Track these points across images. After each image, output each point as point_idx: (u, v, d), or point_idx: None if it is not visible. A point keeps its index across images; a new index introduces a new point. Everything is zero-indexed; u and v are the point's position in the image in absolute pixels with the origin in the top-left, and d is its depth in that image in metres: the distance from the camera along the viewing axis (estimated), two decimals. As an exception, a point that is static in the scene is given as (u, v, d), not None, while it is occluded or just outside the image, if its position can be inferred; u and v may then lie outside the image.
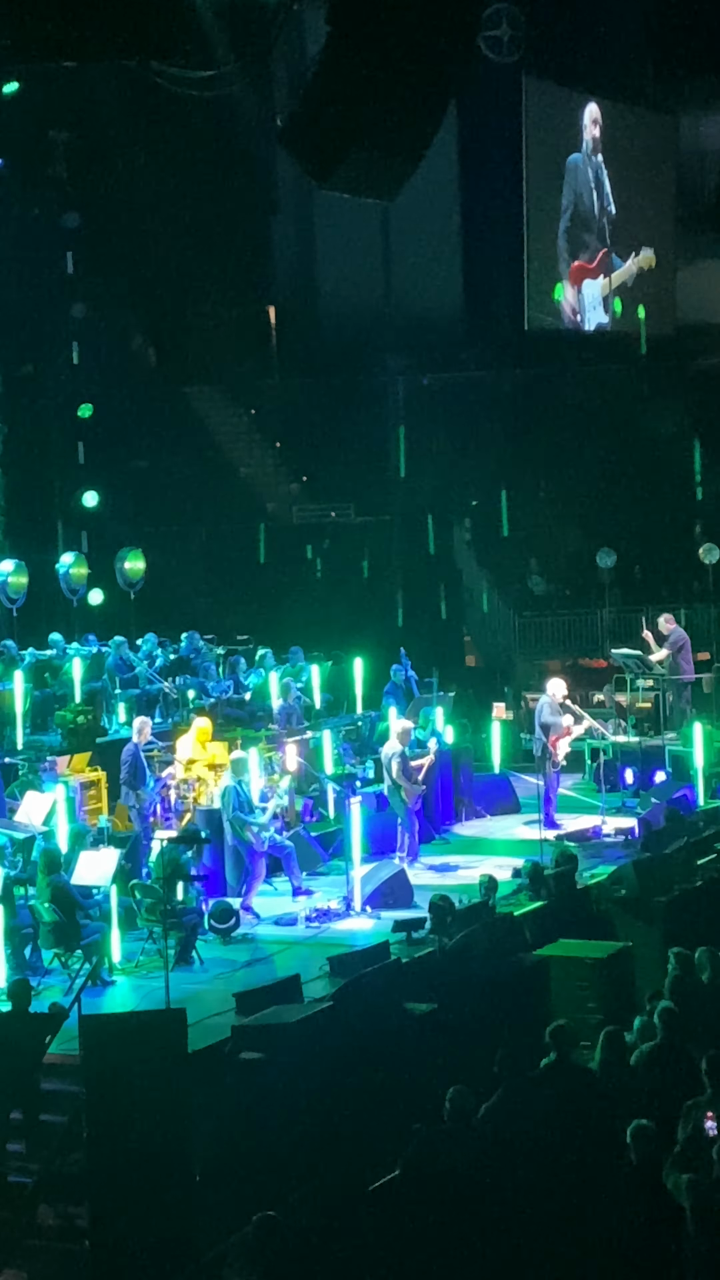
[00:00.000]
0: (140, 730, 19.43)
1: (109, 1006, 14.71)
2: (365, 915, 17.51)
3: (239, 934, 17.11)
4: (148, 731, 19.66)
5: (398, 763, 19.50)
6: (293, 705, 22.74)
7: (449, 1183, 10.19)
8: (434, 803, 21.43)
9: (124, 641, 24.55)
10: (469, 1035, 13.62)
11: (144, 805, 18.82)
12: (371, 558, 31.72)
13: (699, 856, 18.79)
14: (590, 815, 21.35)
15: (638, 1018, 12.61)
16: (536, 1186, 10.14)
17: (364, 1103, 12.78)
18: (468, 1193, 10.10)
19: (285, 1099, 12.64)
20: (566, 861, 17.83)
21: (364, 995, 14.00)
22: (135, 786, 18.90)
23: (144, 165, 29.91)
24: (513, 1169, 10.36)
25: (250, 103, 28.89)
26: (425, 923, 16.02)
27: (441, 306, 35.60)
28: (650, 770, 22.67)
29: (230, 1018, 13.83)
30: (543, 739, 21.14)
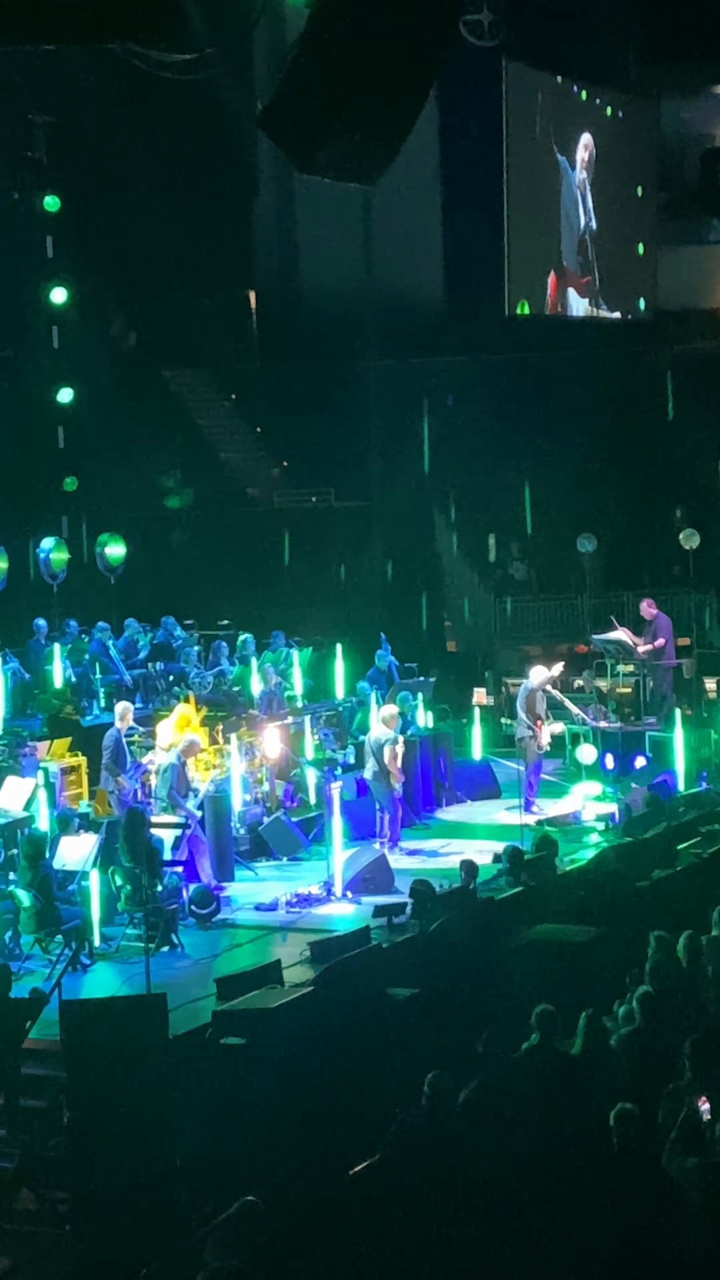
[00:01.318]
0: (123, 716, 19.42)
1: (89, 992, 14.72)
2: (346, 900, 17.54)
3: (219, 919, 17.12)
4: (130, 717, 19.65)
5: (390, 748, 19.50)
6: (274, 691, 22.74)
7: (430, 1167, 10.19)
8: (415, 788, 21.46)
9: (107, 628, 24.54)
10: (450, 1020, 13.63)
11: (122, 791, 18.81)
12: (353, 543, 31.68)
13: (679, 841, 18.83)
14: (571, 800, 21.39)
15: (617, 1003, 12.62)
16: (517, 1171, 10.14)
17: (345, 1087, 12.79)
18: (449, 1177, 10.11)
19: (266, 1084, 12.65)
20: (546, 846, 17.85)
21: (345, 980, 14.01)
22: (115, 772, 18.90)
23: (124, 149, 29.82)
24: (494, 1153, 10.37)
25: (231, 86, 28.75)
26: (406, 908, 16.03)
27: (423, 291, 35.58)
28: (631, 755, 22.71)
29: (211, 1003, 13.85)
30: (527, 722, 21.19)
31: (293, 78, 9.42)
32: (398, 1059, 12.93)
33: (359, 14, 9.10)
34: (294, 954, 15.44)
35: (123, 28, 9.27)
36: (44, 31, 9.11)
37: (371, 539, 32.18)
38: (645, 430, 34.02)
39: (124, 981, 14.92)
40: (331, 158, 9.59)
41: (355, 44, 9.14)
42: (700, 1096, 10.35)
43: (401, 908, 16.14)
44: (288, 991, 13.92)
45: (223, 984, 14.09)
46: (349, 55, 9.16)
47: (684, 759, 21.98)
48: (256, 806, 20.32)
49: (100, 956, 15.91)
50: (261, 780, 20.83)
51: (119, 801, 18.77)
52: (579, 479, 33.19)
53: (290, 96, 9.43)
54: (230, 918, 17.31)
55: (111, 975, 15.41)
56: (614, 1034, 11.94)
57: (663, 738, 22.53)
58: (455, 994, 14.21)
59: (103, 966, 15.71)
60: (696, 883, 17.23)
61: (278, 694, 22.78)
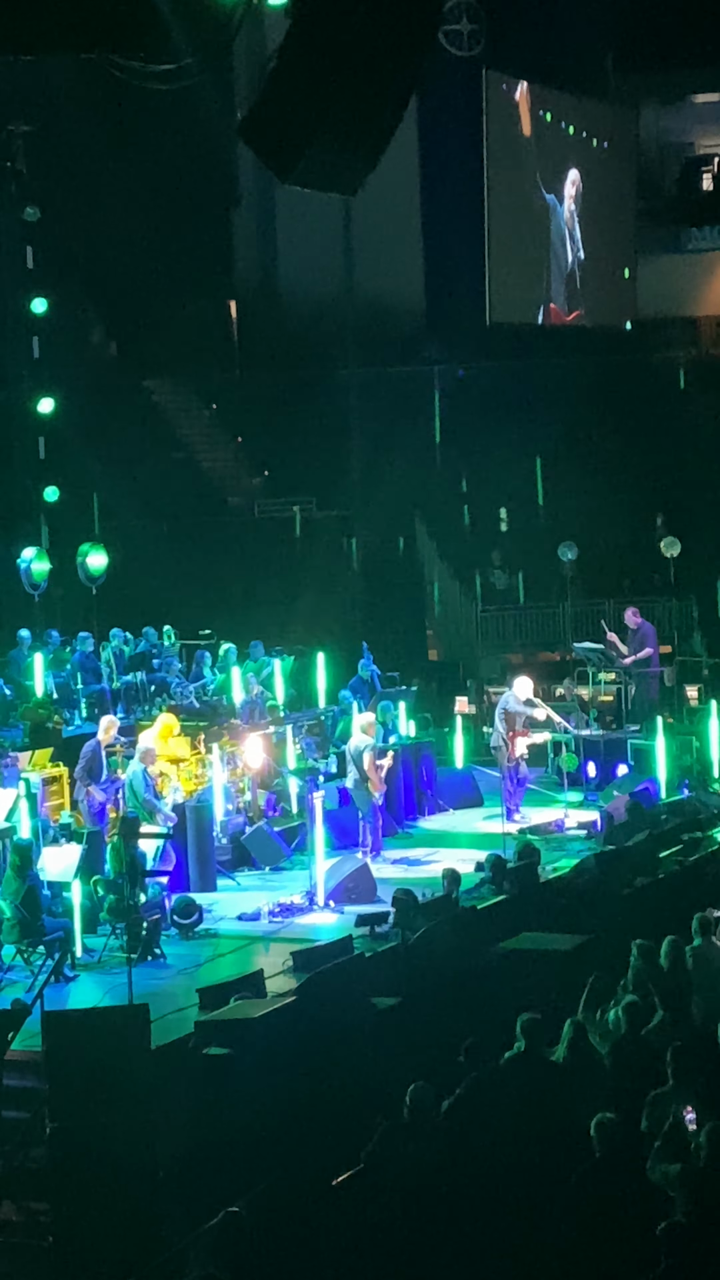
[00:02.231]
0: (106, 729, 19.32)
1: (72, 1002, 14.68)
2: (328, 910, 17.52)
3: (202, 929, 17.09)
4: (114, 731, 19.54)
5: (370, 755, 19.51)
6: (256, 700, 22.72)
7: (413, 1177, 10.19)
8: (397, 797, 21.45)
9: (89, 637, 24.50)
10: (433, 1029, 13.62)
11: (92, 802, 18.69)
12: (333, 552, 31.69)
13: (661, 849, 18.84)
14: (553, 809, 21.40)
15: (599, 1010, 12.63)
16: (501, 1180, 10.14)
17: (328, 1097, 12.78)
18: (432, 1186, 10.10)
19: (249, 1094, 12.63)
20: (529, 855, 17.85)
21: (327, 990, 13.99)
22: (87, 782, 18.81)
23: (104, 159, 29.83)
24: (477, 1162, 10.37)
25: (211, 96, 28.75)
26: (388, 917, 16.02)
27: (403, 300, 35.64)
28: (613, 763, 22.73)
29: (194, 1013, 13.82)
30: (502, 732, 21.23)
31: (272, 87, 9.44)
32: (381, 1068, 12.91)
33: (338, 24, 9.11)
34: (276, 964, 15.42)
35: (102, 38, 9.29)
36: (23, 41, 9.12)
37: (353, 547, 32.18)
38: (625, 438, 34.10)
39: (106, 992, 14.88)
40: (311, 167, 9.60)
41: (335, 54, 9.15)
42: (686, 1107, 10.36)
43: (384, 917, 16.13)
44: (270, 1001, 13.90)
45: (205, 994, 14.07)
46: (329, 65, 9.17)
47: (665, 767, 22.00)
48: (239, 816, 20.30)
49: (83, 967, 15.87)
50: (244, 790, 20.81)
51: (89, 813, 18.69)
52: (559, 487, 33.26)
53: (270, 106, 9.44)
54: (213, 927, 17.28)
55: (94, 986, 15.37)
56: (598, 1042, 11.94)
57: (644, 745, 22.55)
58: (438, 1003, 14.20)
59: (85, 977, 15.66)
60: (679, 890, 17.25)
61: (259, 703, 22.77)
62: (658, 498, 32.73)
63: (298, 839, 19.70)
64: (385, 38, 9.24)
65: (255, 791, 20.85)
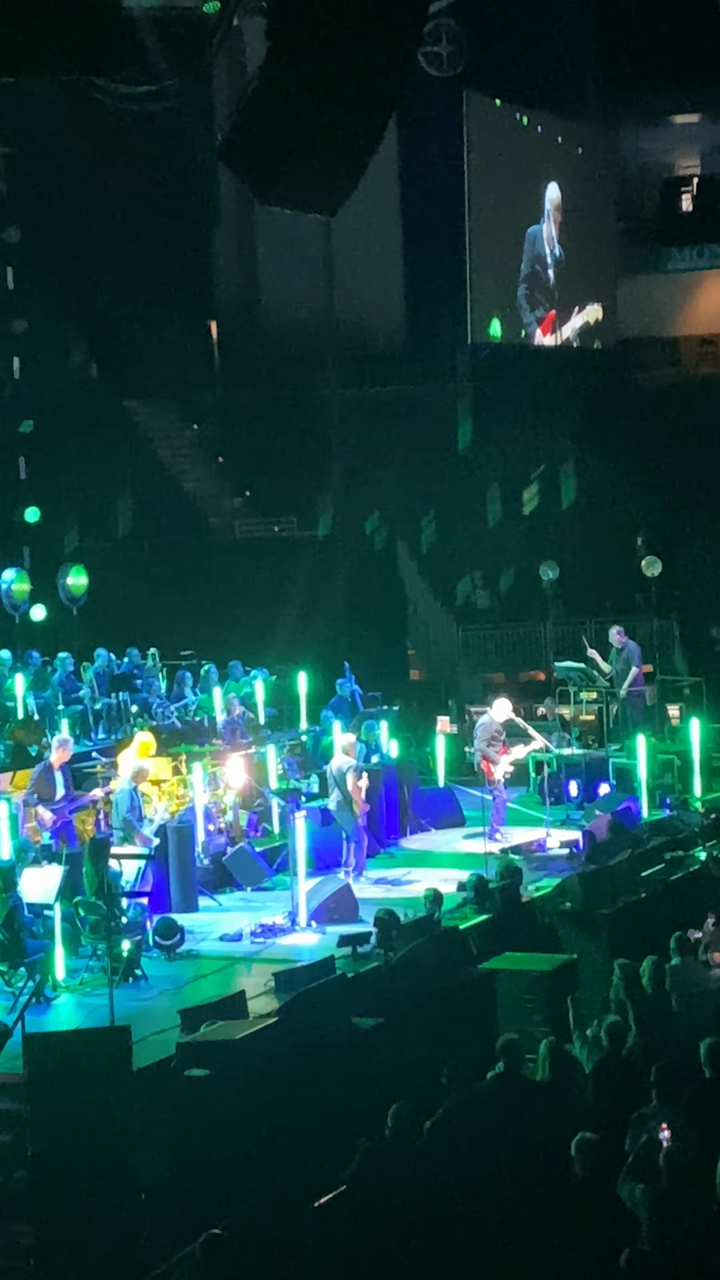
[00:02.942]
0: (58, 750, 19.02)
1: (53, 1024, 14.64)
2: (310, 930, 17.49)
3: (184, 950, 17.06)
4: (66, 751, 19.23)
5: (352, 776, 19.51)
6: (237, 720, 22.71)
7: (395, 1198, 10.17)
8: (379, 817, 21.44)
9: (69, 657, 24.47)
10: (415, 1049, 13.60)
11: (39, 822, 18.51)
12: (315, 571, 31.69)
13: (643, 868, 18.86)
14: (535, 828, 21.40)
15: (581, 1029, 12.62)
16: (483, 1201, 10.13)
17: (310, 1118, 12.76)
18: (414, 1207, 10.08)
19: (231, 1115, 12.60)
20: (511, 874, 17.85)
21: (309, 1010, 13.97)
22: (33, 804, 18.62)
23: (85, 179, 29.86)
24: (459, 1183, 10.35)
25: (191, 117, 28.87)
26: (371, 937, 16.00)
27: (384, 320, 35.71)
28: (594, 783, 22.73)
29: (175, 1034, 13.78)
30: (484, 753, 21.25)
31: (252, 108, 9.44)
32: (363, 1089, 12.90)
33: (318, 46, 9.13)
34: (259, 985, 15.39)
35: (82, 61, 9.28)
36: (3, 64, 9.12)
37: (334, 567, 32.20)
38: (604, 457, 34.18)
39: (88, 1014, 14.84)
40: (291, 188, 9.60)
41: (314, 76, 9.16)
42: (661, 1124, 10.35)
43: (366, 937, 16.12)
44: (252, 1022, 13.88)
45: (187, 1015, 14.04)
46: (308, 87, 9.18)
47: (647, 785, 22.02)
48: (220, 836, 20.27)
49: (64, 989, 15.83)
50: (225, 810, 20.79)
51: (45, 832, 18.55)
52: (539, 506, 33.33)
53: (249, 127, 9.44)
54: (194, 948, 17.24)
55: (75, 1008, 15.33)
56: (580, 1061, 11.93)
57: (626, 764, 22.57)
58: (420, 1023, 14.19)
59: (67, 999, 15.63)
60: (661, 910, 17.26)
61: (241, 723, 22.75)
62: (639, 517, 32.80)
63: (279, 859, 19.67)
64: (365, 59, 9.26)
65: (237, 812, 20.84)
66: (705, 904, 15.95)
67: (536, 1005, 14.77)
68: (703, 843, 20.07)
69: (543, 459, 34.21)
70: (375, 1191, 10.24)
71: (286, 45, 9.26)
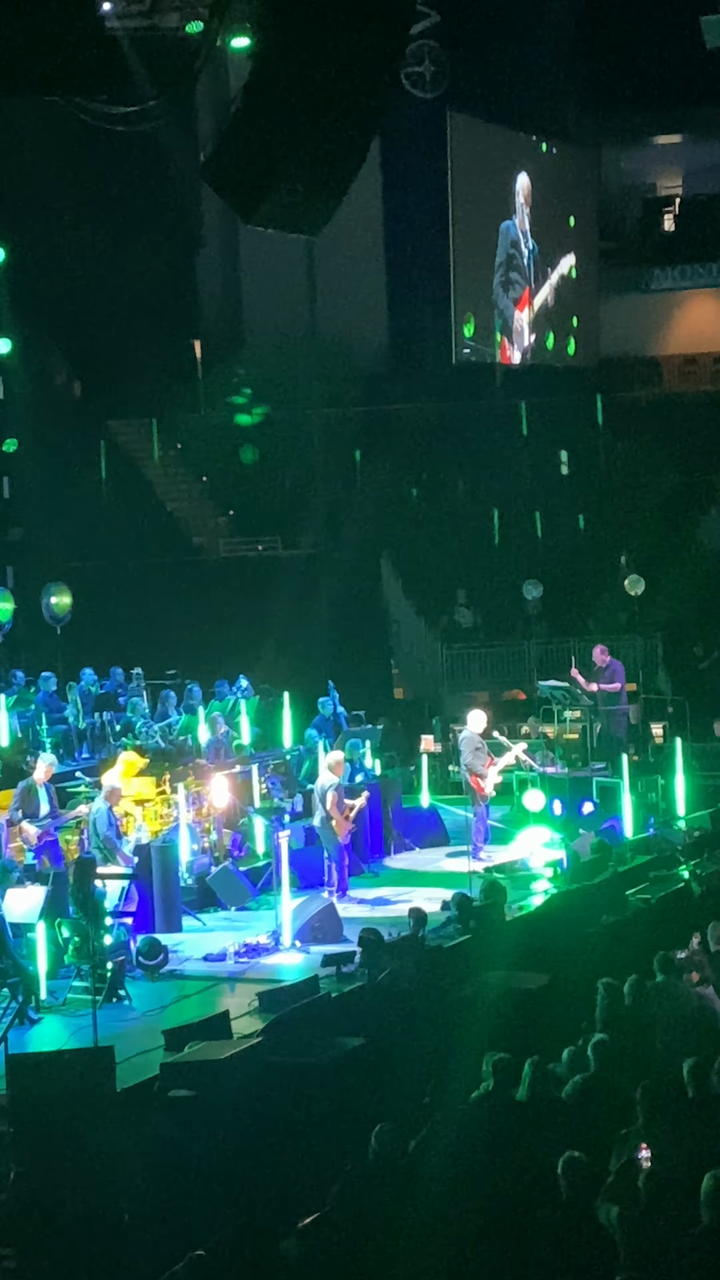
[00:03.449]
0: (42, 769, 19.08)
1: (36, 1045, 14.59)
2: (294, 950, 17.46)
3: (167, 970, 17.02)
4: (50, 771, 19.30)
5: (334, 795, 19.51)
6: (221, 739, 22.69)
7: (379, 1219, 10.14)
8: (363, 836, 21.42)
9: (52, 677, 24.44)
10: (399, 1069, 13.58)
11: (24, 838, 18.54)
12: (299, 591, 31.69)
13: (627, 887, 18.87)
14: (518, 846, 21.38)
15: (567, 1049, 12.60)
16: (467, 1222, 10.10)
17: (294, 1139, 12.73)
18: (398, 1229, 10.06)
19: (215, 1136, 12.57)
20: (495, 893, 17.84)
21: (293, 1030, 13.95)
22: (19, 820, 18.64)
23: (68, 200, 29.87)
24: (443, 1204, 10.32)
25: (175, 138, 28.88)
26: (355, 956, 15.99)
27: (367, 340, 35.76)
28: (578, 801, 22.73)
29: (159, 1055, 13.76)
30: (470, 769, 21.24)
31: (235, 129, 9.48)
32: (347, 1110, 12.88)
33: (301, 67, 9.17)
34: (242, 1005, 15.36)
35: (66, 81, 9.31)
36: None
37: (318, 587, 32.20)
38: (588, 476, 34.25)
39: (71, 1034, 14.80)
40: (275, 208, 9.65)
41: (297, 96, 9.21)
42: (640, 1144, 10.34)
43: (350, 957, 16.10)
44: (236, 1043, 13.85)
45: (170, 1036, 14.01)
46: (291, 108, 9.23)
47: (631, 804, 22.03)
48: (204, 856, 20.25)
49: (47, 1009, 15.79)
50: (209, 830, 20.77)
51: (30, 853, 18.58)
52: (524, 525, 33.37)
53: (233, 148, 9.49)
54: (178, 968, 17.21)
55: (58, 1028, 15.28)
56: (565, 1081, 11.92)
57: (610, 783, 22.57)
58: (404, 1043, 14.17)
59: (50, 1019, 15.58)
60: (645, 928, 17.26)
61: (225, 743, 22.73)
62: (622, 536, 32.85)
63: (263, 879, 19.65)
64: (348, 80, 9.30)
65: (221, 831, 20.81)
66: (689, 923, 15.96)
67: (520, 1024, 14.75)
68: (686, 862, 20.10)
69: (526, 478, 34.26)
70: (359, 1213, 10.22)
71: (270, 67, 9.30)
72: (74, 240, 30.40)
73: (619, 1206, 9.59)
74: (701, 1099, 11.19)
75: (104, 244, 30.58)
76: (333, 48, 9.20)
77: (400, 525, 33.50)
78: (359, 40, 9.24)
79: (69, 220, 30.24)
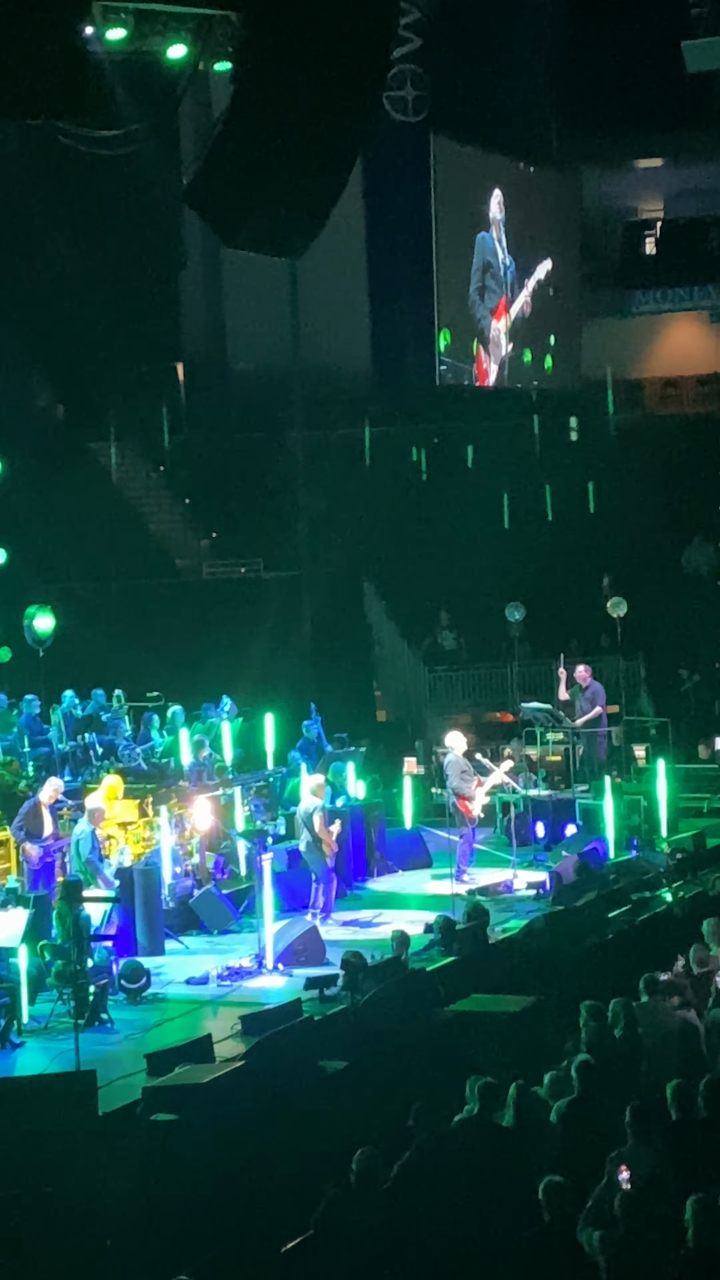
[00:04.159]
0: (50, 790, 19.21)
1: (18, 1069, 14.56)
2: (277, 973, 17.43)
3: (150, 994, 16.98)
4: (58, 794, 19.42)
5: (320, 816, 19.51)
6: (204, 762, 22.67)
7: (362, 1242, 10.11)
8: (346, 858, 21.40)
9: (35, 699, 24.40)
10: (382, 1093, 13.55)
11: (30, 861, 18.57)
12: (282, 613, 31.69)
13: (610, 909, 18.86)
14: (502, 869, 21.39)
15: (549, 1072, 12.59)
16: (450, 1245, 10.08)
17: (277, 1162, 12.69)
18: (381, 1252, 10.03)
19: (198, 1160, 12.53)
20: (478, 916, 17.83)
21: (276, 1054, 13.92)
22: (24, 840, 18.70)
23: (51, 223, 29.90)
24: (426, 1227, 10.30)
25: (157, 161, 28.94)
26: (338, 980, 15.96)
27: (350, 362, 35.82)
28: (561, 824, 22.74)
29: (141, 1079, 13.71)
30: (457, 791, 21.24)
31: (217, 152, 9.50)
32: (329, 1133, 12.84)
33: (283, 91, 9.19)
34: (225, 1028, 15.33)
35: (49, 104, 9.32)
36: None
37: (301, 609, 32.20)
38: (571, 498, 34.29)
39: (53, 1058, 14.76)
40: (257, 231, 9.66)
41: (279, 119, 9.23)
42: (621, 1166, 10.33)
43: (333, 980, 16.07)
44: (218, 1066, 13.81)
45: (153, 1060, 13.97)
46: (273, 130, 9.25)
47: (614, 826, 22.03)
48: (187, 879, 20.22)
49: (29, 1033, 15.74)
50: (192, 852, 20.74)
51: (29, 872, 18.58)
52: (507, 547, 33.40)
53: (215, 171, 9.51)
54: (160, 992, 17.17)
55: (40, 1052, 15.24)
56: (549, 1104, 11.90)
57: (592, 805, 22.58)
58: (387, 1066, 14.14)
59: (31, 1043, 15.54)
60: (628, 951, 17.26)
61: (207, 765, 22.71)
62: (604, 558, 32.90)
63: (246, 902, 19.62)
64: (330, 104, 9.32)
65: (203, 854, 20.79)
66: (671, 945, 15.96)
67: (503, 1047, 14.73)
68: (669, 884, 20.11)
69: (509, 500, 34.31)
70: (342, 1236, 10.19)
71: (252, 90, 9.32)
72: (56, 263, 30.41)
73: (601, 1230, 9.57)
74: (685, 1121, 11.18)
75: (86, 267, 30.61)
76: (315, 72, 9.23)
77: (383, 548, 33.51)
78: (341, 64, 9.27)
79: (52, 244, 30.26)
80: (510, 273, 35.85)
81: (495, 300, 35.53)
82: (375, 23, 9.34)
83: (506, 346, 35.95)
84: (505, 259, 35.75)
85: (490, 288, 35.42)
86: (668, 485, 34.05)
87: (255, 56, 9.25)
